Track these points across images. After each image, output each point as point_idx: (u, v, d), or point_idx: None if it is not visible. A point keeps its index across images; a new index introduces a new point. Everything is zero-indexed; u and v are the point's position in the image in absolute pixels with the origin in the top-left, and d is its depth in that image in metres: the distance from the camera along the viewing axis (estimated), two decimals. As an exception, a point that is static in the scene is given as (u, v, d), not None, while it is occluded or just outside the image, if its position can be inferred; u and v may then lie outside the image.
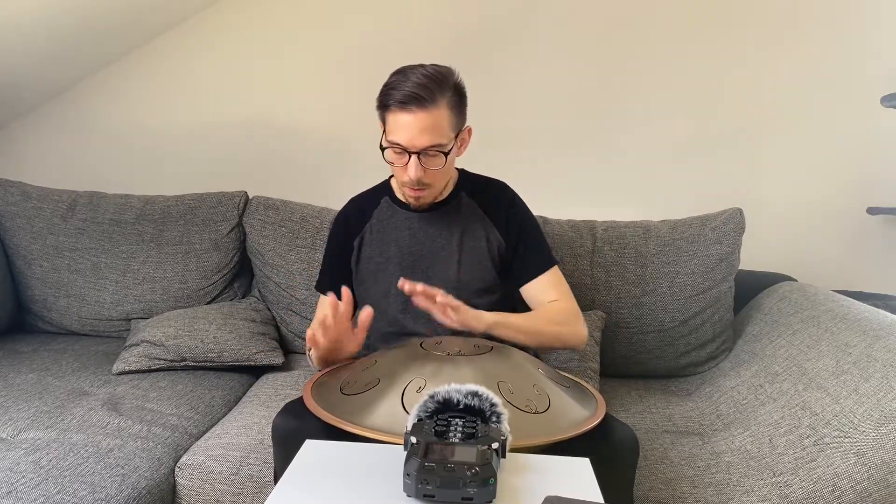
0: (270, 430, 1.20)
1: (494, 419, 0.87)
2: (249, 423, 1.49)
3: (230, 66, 2.31)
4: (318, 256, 1.88)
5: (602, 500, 0.82)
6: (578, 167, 2.28)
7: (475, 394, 0.87)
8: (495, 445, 0.81)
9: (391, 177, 1.50)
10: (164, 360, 1.73)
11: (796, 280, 1.97)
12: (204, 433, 1.50)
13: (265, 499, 1.03)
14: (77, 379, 1.67)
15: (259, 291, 2.01)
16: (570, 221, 1.93)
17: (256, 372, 1.81)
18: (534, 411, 1.01)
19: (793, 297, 1.77)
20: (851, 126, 2.18)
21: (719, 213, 1.88)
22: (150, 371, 1.73)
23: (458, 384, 0.88)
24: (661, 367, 1.86)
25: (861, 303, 1.64)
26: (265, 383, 1.72)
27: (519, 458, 0.90)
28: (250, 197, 2.04)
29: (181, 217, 2.00)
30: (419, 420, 0.86)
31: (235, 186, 2.10)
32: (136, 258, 1.97)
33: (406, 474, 0.78)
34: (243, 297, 2.03)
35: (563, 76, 2.23)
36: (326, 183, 2.25)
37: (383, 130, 1.33)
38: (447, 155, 1.31)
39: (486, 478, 0.76)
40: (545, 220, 1.89)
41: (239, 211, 2.01)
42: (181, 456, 1.40)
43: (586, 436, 1.01)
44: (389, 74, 1.32)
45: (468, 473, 0.76)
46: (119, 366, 1.72)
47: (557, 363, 1.66)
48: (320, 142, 2.33)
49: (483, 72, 2.22)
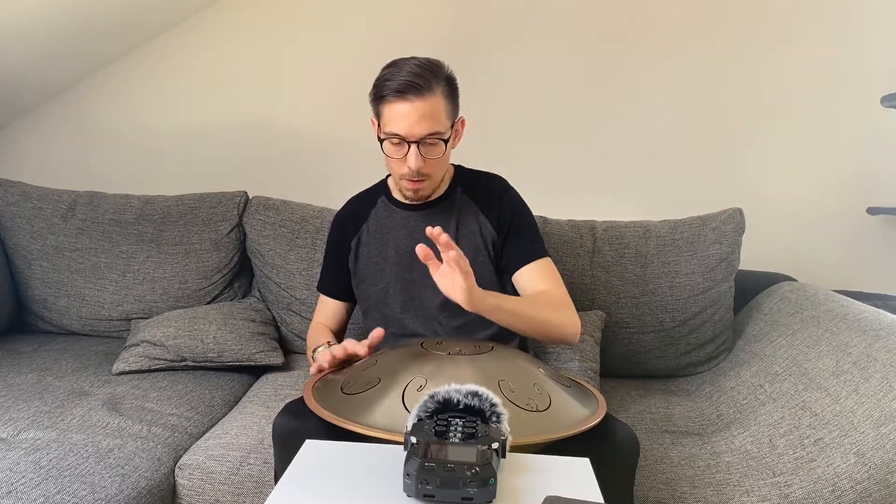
0: (270, 430, 1.20)
1: (494, 419, 0.87)
2: (249, 423, 1.49)
3: (230, 66, 2.31)
4: (318, 256, 1.89)
5: (602, 500, 0.82)
6: (578, 167, 2.28)
7: (475, 394, 0.87)
8: (495, 445, 0.81)
9: (387, 177, 1.50)
10: (164, 360, 1.73)
11: (796, 280, 1.97)
12: (204, 433, 1.50)
13: (265, 499, 1.03)
14: (77, 379, 1.66)
15: (259, 291, 2.01)
16: (570, 221, 1.93)
17: (256, 372, 1.81)
18: (534, 410, 1.01)
19: (793, 297, 1.77)
20: (851, 126, 2.18)
21: (719, 213, 1.88)
22: (150, 371, 1.73)
23: (459, 384, 0.88)
24: (661, 367, 1.86)
25: (861, 303, 1.64)
26: (265, 383, 1.72)
27: (519, 458, 0.90)
28: (250, 197, 2.04)
29: (181, 217, 2.00)
30: (419, 420, 0.86)
31: (235, 186, 2.10)
32: (136, 258, 1.97)
33: (406, 474, 0.78)
34: (243, 297, 2.03)
35: (563, 76, 2.23)
36: (326, 183, 2.25)
37: (377, 124, 1.33)
38: (446, 143, 1.31)
39: (486, 478, 0.76)
40: (545, 220, 1.89)
41: (239, 211, 2.01)
42: (181, 456, 1.40)
43: (586, 436, 1.01)
44: (381, 69, 1.31)
45: (468, 473, 0.76)
46: (119, 366, 1.72)
47: (558, 363, 1.66)
48: (320, 142, 2.33)
49: (483, 71, 2.22)
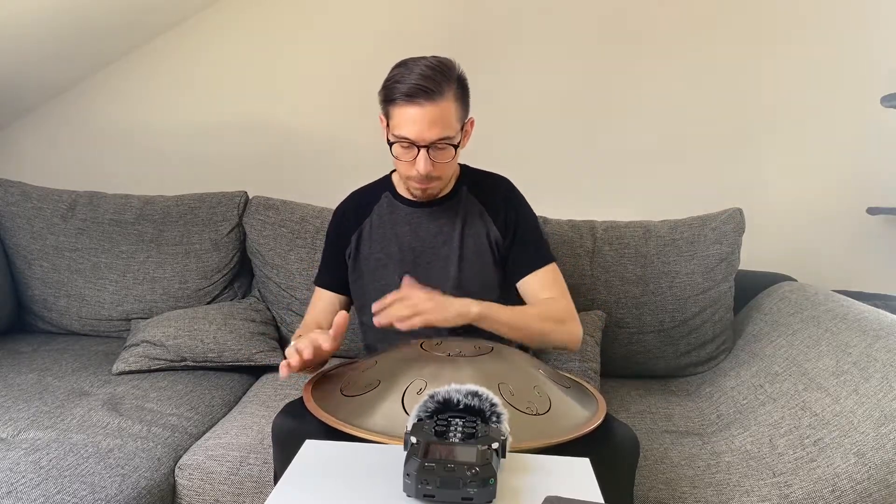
0: (270, 430, 1.20)
1: (494, 419, 0.87)
2: (249, 423, 1.49)
3: (230, 66, 2.31)
4: (318, 257, 1.88)
5: (602, 500, 0.82)
6: (578, 167, 2.28)
7: (475, 394, 0.87)
8: (495, 445, 0.81)
9: (392, 171, 1.48)
10: (164, 360, 1.73)
11: (796, 280, 1.97)
12: (204, 433, 1.50)
13: (265, 499, 1.02)
14: (77, 379, 1.66)
15: (259, 291, 2.01)
16: (570, 221, 1.93)
17: (256, 372, 1.81)
18: (535, 413, 1.01)
19: (793, 297, 1.77)
20: (851, 126, 2.18)
21: (719, 213, 1.88)
22: (150, 371, 1.73)
23: (458, 384, 0.88)
24: (661, 367, 1.86)
25: (861, 303, 1.64)
26: (265, 383, 1.72)
27: (519, 458, 0.90)
28: (250, 197, 2.04)
29: (181, 217, 2.00)
30: (419, 420, 0.86)
31: (235, 186, 2.10)
32: (136, 258, 1.97)
33: (406, 474, 0.78)
34: (243, 297, 2.03)
35: (563, 76, 2.23)
36: (326, 183, 2.23)
37: (386, 125, 1.31)
38: (456, 147, 1.30)
39: (486, 478, 0.76)
40: (545, 220, 1.89)
41: (239, 211, 2.01)
42: (181, 456, 1.40)
43: (587, 436, 1.01)
44: (391, 68, 1.30)
45: (468, 473, 0.76)
46: (119, 366, 1.72)
47: (558, 364, 1.66)
48: (320, 142, 2.33)
49: (482, 71, 2.20)
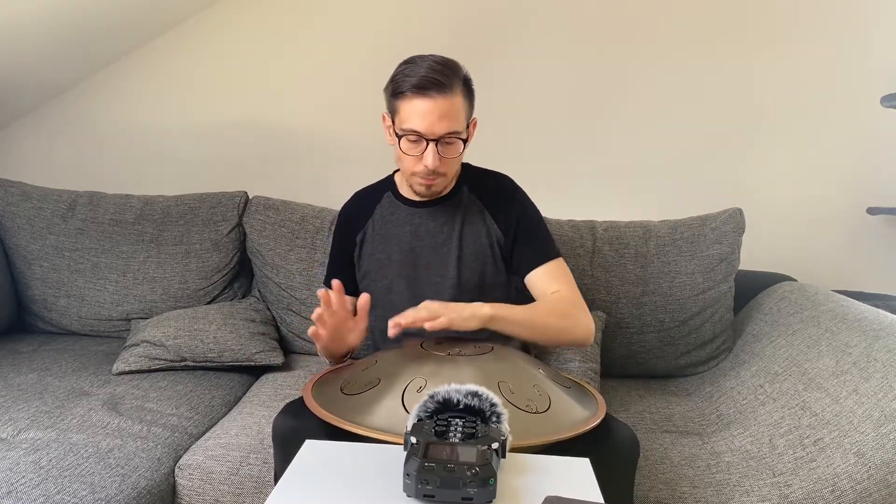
0: (270, 430, 1.20)
1: (494, 419, 0.87)
2: (249, 423, 1.49)
3: (230, 67, 2.31)
4: (318, 256, 1.89)
5: (602, 500, 0.82)
6: (578, 167, 2.28)
7: (475, 394, 0.87)
8: (495, 445, 0.81)
9: (395, 172, 1.48)
10: (164, 360, 1.73)
11: (796, 280, 1.97)
12: (204, 433, 1.50)
13: (265, 499, 1.03)
14: (77, 379, 1.66)
15: (259, 291, 2.01)
16: (570, 221, 1.93)
17: (256, 372, 1.81)
18: (534, 411, 1.01)
19: (793, 297, 1.77)
20: (851, 126, 2.18)
21: (719, 213, 1.88)
22: (150, 371, 1.73)
23: (459, 384, 0.88)
24: (661, 367, 1.86)
25: (861, 303, 1.64)
26: (265, 383, 1.72)
27: (519, 458, 0.90)
28: (250, 197, 2.04)
29: (181, 217, 2.00)
30: (419, 420, 0.86)
31: (235, 186, 2.10)
32: (136, 258, 1.97)
33: (406, 474, 0.78)
34: (243, 297, 2.03)
35: (563, 76, 2.23)
36: (326, 183, 2.25)
37: (392, 121, 1.31)
38: (464, 143, 1.30)
39: (486, 478, 0.76)
40: (545, 221, 1.89)
41: (239, 211, 2.01)
42: (181, 456, 1.40)
43: (586, 436, 1.01)
44: (398, 64, 1.30)
45: (468, 473, 0.76)
46: (119, 366, 1.72)
47: (558, 364, 1.66)
48: (320, 142, 2.33)
49: (483, 72, 2.19)
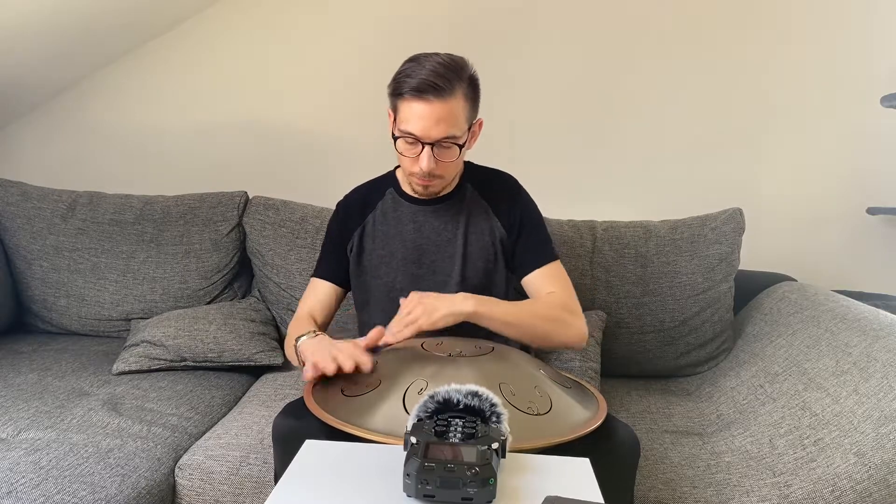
0: (270, 430, 1.20)
1: (494, 419, 0.87)
2: (249, 423, 1.49)
3: (230, 67, 2.31)
4: (318, 256, 1.88)
5: (602, 500, 0.82)
6: (579, 167, 2.28)
7: (475, 394, 0.87)
8: (495, 445, 0.81)
9: (396, 167, 1.47)
10: (164, 360, 1.73)
11: (796, 280, 1.97)
12: (204, 433, 1.50)
13: (265, 499, 1.02)
14: (77, 379, 1.66)
15: (259, 291, 2.01)
16: (570, 221, 1.93)
17: (256, 372, 1.81)
18: (536, 413, 1.01)
19: (793, 297, 1.77)
20: (851, 126, 2.18)
21: (719, 213, 1.88)
22: (150, 371, 1.73)
23: (459, 384, 0.88)
24: (661, 367, 1.86)
25: (861, 303, 1.64)
26: (265, 383, 1.72)
27: (519, 458, 0.90)
28: (250, 197, 2.04)
29: (181, 217, 2.00)
30: (419, 420, 0.86)
31: (235, 186, 2.10)
32: (136, 258, 1.97)
33: (406, 474, 0.78)
34: (243, 297, 2.03)
35: (564, 76, 2.23)
36: (326, 183, 2.23)
37: (393, 119, 1.29)
38: (461, 147, 1.28)
39: (486, 478, 0.76)
40: (545, 220, 1.89)
41: (239, 211, 2.01)
42: (181, 456, 1.40)
43: (587, 436, 1.01)
44: (402, 62, 1.27)
45: (468, 473, 0.76)
46: (119, 366, 1.72)
47: (559, 363, 1.66)
48: (320, 142, 2.33)
49: (484, 71, 2.20)
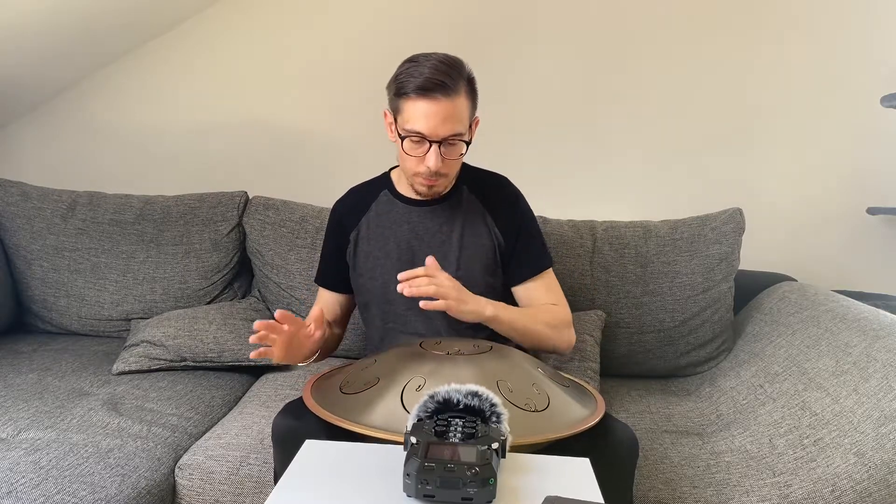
0: (270, 430, 1.20)
1: (494, 419, 0.87)
2: (249, 423, 1.49)
3: (230, 67, 2.31)
4: (318, 256, 1.88)
5: (602, 500, 0.82)
6: (578, 167, 2.28)
7: (475, 394, 0.87)
8: (495, 445, 0.81)
9: (392, 169, 1.48)
10: (164, 360, 1.73)
11: (796, 280, 1.97)
12: (204, 433, 1.50)
13: (265, 499, 1.03)
14: (77, 379, 1.66)
15: (259, 291, 2.01)
16: (570, 221, 1.93)
17: (256, 372, 1.81)
18: (533, 410, 1.01)
19: (793, 297, 1.77)
20: (851, 126, 2.18)
21: (719, 213, 1.88)
22: (150, 371, 1.73)
23: (458, 384, 0.88)
24: (661, 367, 1.86)
25: (861, 303, 1.64)
26: (265, 383, 1.72)
27: (519, 458, 0.90)
28: (250, 197, 2.04)
29: (181, 217, 2.00)
30: (419, 420, 0.86)
31: (235, 186, 2.10)
32: (136, 258, 1.97)
33: (406, 474, 0.78)
34: (243, 297, 2.03)
35: (564, 76, 2.23)
36: (326, 183, 2.23)
37: (394, 119, 1.29)
38: (467, 144, 1.29)
39: (486, 478, 0.76)
40: (545, 220, 1.89)
41: (239, 211, 2.01)
42: (181, 456, 1.40)
43: (586, 436, 1.01)
44: (400, 63, 1.28)
45: (468, 473, 0.76)
46: (119, 366, 1.72)
47: (558, 363, 1.66)
48: (320, 142, 2.33)
49: (483, 71, 2.19)
